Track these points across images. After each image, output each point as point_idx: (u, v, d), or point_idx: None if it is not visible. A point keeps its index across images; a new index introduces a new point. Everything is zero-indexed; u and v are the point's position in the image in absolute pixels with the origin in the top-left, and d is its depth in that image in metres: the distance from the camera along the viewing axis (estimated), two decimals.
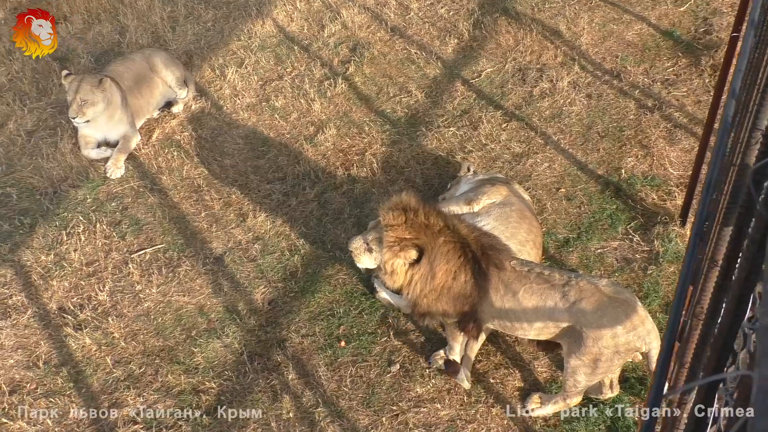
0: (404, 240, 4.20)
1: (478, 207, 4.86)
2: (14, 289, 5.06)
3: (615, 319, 4.00)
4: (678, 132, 5.86)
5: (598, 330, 3.99)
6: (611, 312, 4.00)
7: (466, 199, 4.92)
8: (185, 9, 7.29)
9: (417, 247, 4.18)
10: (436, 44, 6.80)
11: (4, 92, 6.49)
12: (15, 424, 4.36)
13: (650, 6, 7.02)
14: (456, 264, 4.20)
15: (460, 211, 4.86)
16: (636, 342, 4.05)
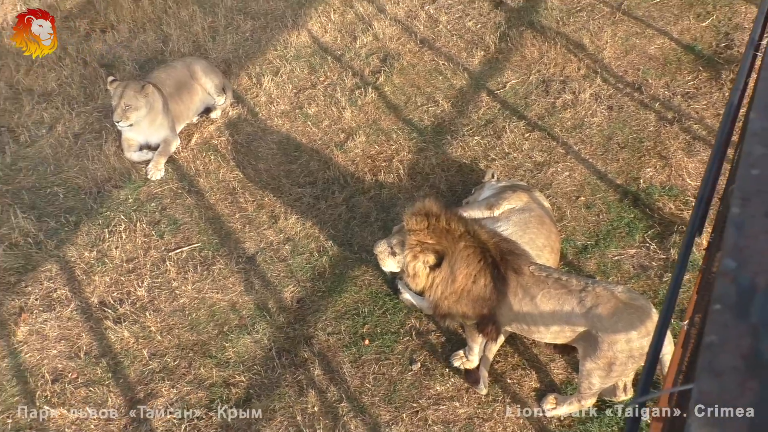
0: (426, 244, 4.23)
1: (498, 212, 4.88)
2: (59, 283, 5.17)
3: (630, 325, 4.01)
4: (697, 144, 5.82)
5: (613, 335, 4.00)
6: (626, 318, 4.01)
7: (488, 204, 4.94)
8: (225, 20, 7.39)
9: (437, 251, 4.21)
10: (464, 56, 6.82)
11: (54, 97, 6.62)
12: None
13: (673, 21, 6.99)
14: (476, 268, 4.23)
15: (481, 215, 4.89)
16: (644, 351, 4.06)
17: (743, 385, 0.59)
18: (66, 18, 7.59)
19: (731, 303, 0.62)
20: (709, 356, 0.60)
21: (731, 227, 0.65)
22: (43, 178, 5.96)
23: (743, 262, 0.63)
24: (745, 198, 0.65)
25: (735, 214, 0.65)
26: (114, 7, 7.59)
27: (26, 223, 5.53)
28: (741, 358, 0.60)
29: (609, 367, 4.09)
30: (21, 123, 6.40)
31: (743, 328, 0.61)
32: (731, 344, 0.60)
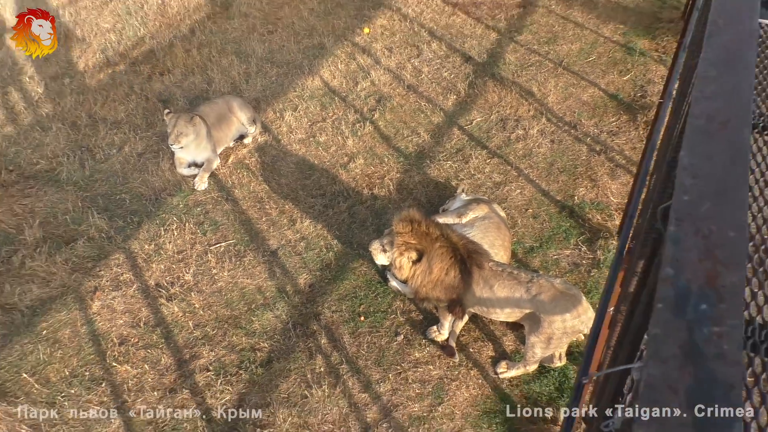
0: (409, 244, 4.26)
1: (465, 219, 4.91)
2: (125, 269, 5.17)
3: (565, 308, 4.05)
4: (618, 170, 5.87)
5: (552, 316, 4.04)
6: (562, 303, 4.04)
7: (458, 213, 4.98)
8: (256, 67, 7.39)
9: (418, 250, 4.24)
10: (440, 99, 6.85)
11: (123, 124, 6.62)
12: (122, 367, 4.46)
13: (601, 75, 7.05)
14: (448, 263, 4.26)
15: (452, 221, 4.93)
16: (580, 326, 4.09)
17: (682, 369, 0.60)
18: (133, 63, 7.57)
19: (671, 303, 0.62)
20: (654, 346, 0.60)
21: (670, 242, 0.65)
22: (113, 187, 5.94)
23: (679, 270, 0.64)
24: (679, 219, 0.66)
25: (672, 231, 0.65)
26: (170, 56, 7.58)
27: (101, 222, 5.51)
28: (679, 348, 0.61)
29: (548, 341, 4.13)
30: (97, 144, 6.38)
31: (681, 324, 0.62)
32: (672, 336, 0.60)
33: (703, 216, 0.66)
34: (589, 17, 8.02)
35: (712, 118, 0.74)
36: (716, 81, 0.80)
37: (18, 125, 6.72)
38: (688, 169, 0.69)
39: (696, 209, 0.66)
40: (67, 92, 7.12)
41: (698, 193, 0.66)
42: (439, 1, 8.45)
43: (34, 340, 4.65)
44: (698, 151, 0.69)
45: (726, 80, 0.81)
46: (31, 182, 6.00)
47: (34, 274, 5.10)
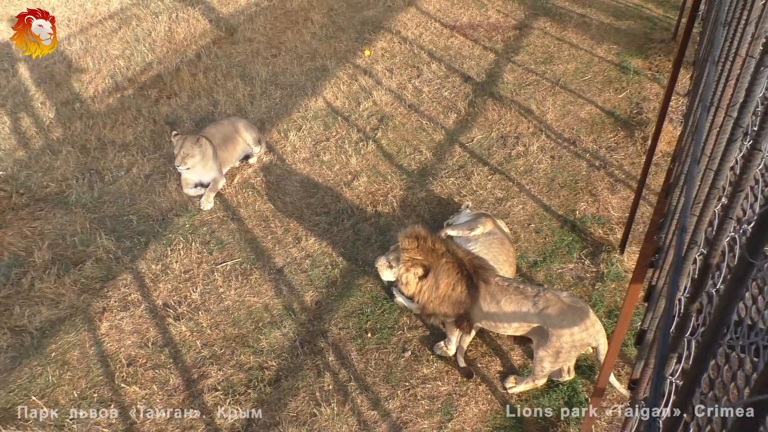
0: (416, 260, 4.14)
1: (475, 233, 4.79)
2: (132, 289, 5.02)
3: (573, 322, 3.91)
4: (618, 185, 5.76)
5: (560, 329, 3.91)
6: (570, 316, 3.91)
7: (468, 227, 4.86)
8: (260, 89, 7.31)
9: (424, 266, 4.11)
10: (441, 117, 6.76)
11: (131, 147, 6.51)
12: (131, 388, 4.30)
13: (597, 93, 6.96)
14: (455, 278, 4.13)
15: (463, 233, 4.81)
16: (588, 339, 3.95)
17: None
18: (141, 88, 7.48)
19: None
20: None
21: None
22: (121, 208, 5.81)
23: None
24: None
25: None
26: (177, 80, 7.49)
27: (108, 243, 5.37)
28: None
29: (557, 355, 4.00)
30: (105, 166, 6.27)
31: None
32: None
33: None
34: (583, 38, 7.96)
35: None
36: None
37: (29, 149, 6.61)
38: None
39: None
40: (77, 117, 7.01)
41: None
42: (438, 24, 8.39)
43: (43, 362, 4.48)
44: None
45: None
46: (41, 205, 5.87)
47: (43, 295, 4.95)
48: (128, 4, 9.13)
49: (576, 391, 4.22)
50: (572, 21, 8.27)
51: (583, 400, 4.16)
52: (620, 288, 4.82)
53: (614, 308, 4.69)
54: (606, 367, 3.55)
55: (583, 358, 4.35)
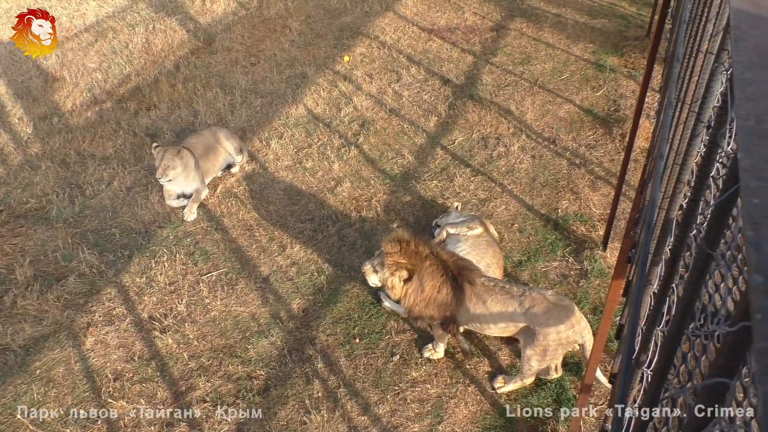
0: (400, 263, 4.15)
1: (473, 232, 4.83)
2: (117, 303, 4.99)
3: (559, 320, 3.95)
4: (599, 182, 5.83)
5: (546, 328, 3.94)
6: (556, 314, 3.95)
7: (468, 226, 4.89)
8: (241, 98, 7.31)
9: (408, 269, 4.13)
10: (422, 121, 6.80)
11: (111, 160, 6.47)
12: (118, 403, 4.27)
13: (575, 92, 7.04)
14: (440, 280, 4.16)
15: (461, 231, 4.83)
16: (574, 336, 4.00)
17: None
18: (120, 100, 7.45)
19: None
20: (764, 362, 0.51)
21: (751, 248, 0.56)
22: (103, 222, 5.78)
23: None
24: (755, 223, 0.57)
25: (750, 236, 0.56)
26: (156, 91, 7.47)
27: (91, 257, 5.33)
28: None
29: (544, 353, 4.03)
30: (86, 180, 6.22)
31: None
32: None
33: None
34: (559, 38, 8.05)
35: (761, 119, 0.66)
36: (755, 82, 0.73)
37: (8, 166, 6.55)
38: (750, 171, 0.61)
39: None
40: (56, 131, 6.96)
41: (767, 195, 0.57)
42: (416, 28, 8.45)
43: (27, 380, 4.44)
44: (756, 152, 0.62)
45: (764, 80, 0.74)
46: (22, 221, 5.82)
47: (26, 312, 4.90)
48: (104, 16, 9.08)
49: (564, 388, 4.26)
50: (548, 21, 8.36)
51: (572, 397, 4.20)
52: (604, 284, 4.88)
53: (599, 304, 4.75)
54: (591, 363, 3.59)
55: (570, 355, 4.40)
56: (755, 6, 0.85)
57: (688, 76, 1.55)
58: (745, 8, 0.86)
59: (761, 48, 0.79)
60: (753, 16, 0.84)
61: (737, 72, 0.76)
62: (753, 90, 0.71)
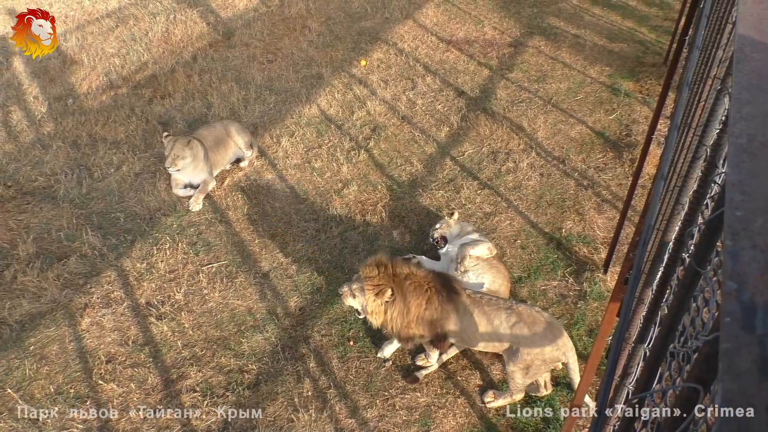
0: (380, 285, 4.09)
1: (494, 252, 4.81)
2: (116, 286, 5.03)
3: (543, 337, 3.97)
4: (605, 205, 5.84)
5: (530, 345, 3.96)
6: (540, 332, 3.97)
7: (489, 248, 4.83)
8: (255, 93, 7.36)
9: (392, 288, 4.07)
10: (434, 130, 6.83)
11: (122, 144, 6.53)
12: (108, 385, 4.30)
13: (588, 113, 7.06)
14: (425, 297, 4.10)
15: (483, 253, 4.79)
16: (557, 354, 4.01)
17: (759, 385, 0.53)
18: (135, 87, 7.52)
19: (737, 317, 0.56)
20: (727, 360, 0.54)
21: (728, 257, 0.59)
22: (109, 205, 5.82)
23: (742, 284, 0.57)
24: (734, 234, 0.59)
25: (729, 246, 0.59)
26: (171, 81, 7.54)
27: (94, 239, 5.38)
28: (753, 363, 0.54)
29: (527, 369, 4.05)
30: (95, 163, 6.28)
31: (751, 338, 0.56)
32: (743, 351, 0.54)
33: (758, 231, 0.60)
34: (576, 59, 8.08)
35: (753, 137, 0.69)
36: (751, 103, 0.76)
37: (19, 143, 6.61)
38: (736, 186, 0.63)
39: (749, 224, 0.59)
40: (70, 112, 7.03)
41: (750, 209, 0.59)
42: (434, 38, 8.50)
43: (21, 356, 4.47)
44: (744, 168, 0.64)
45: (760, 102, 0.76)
46: (28, 198, 5.87)
47: (25, 288, 4.94)
48: (126, 3, 9.18)
49: (553, 408, 4.25)
50: (567, 41, 8.40)
51: (561, 417, 4.20)
52: (602, 307, 4.88)
53: (595, 327, 4.75)
54: (582, 385, 3.59)
55: (563, 375, 4.40)
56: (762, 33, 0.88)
57: (696, 101, 1.58)
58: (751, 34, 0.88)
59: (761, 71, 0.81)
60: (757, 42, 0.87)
61: (735, 93, 0.78)
62: (748, 110, 0.73)
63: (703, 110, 1.44)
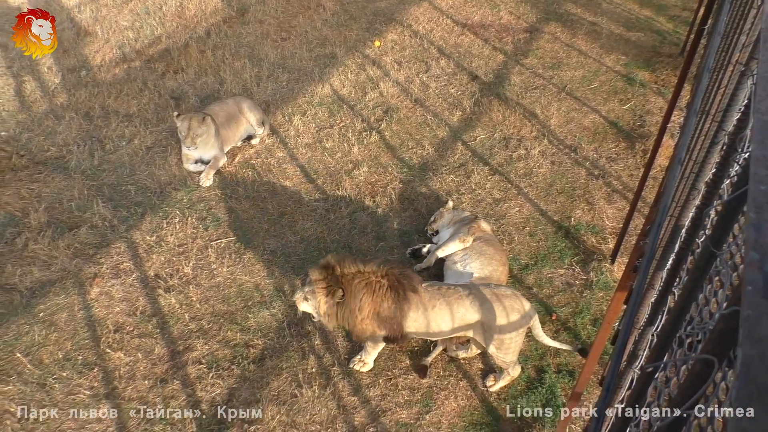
0: (329, 287, 4.06)
1: (469, 243, 4.82)
2: (125, 258, 5.07)
3: (510, 309, 4.02)
4: (615, 195, 5.82)
5: (498, 320, 4.01)
6: (504, 305, 4.03)
7: (460, 239, 4.85)
8: (268, 71, 7.35)
9: (342, 288, 4.04)
10: (446, 114, 6.80)
11: (134, 118, 6.55)
12: (116, 354, 4.35)
13: (602, 102, 7.02)
14: (378, 295, 4.02)
15: (456, 248, 4.82)
16: (524, 321, 4.08)
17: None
18: (148, 60, 7.52)
19: (759, 286, 0.57)
20: (748, 327, 0.55)
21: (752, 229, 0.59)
22: (120, 178, 5.86)
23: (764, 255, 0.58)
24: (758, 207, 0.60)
25: (752, 218, 0.59)
26: (185, 55, 7.53)
27: (105, 211, 5.42)
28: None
29: (502, 343, 4.07)
30: (107, 135, 6.31)
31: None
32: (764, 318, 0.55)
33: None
34: (592, 46, 8.01)
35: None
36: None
37: (32, 113, 6.64)
38: (761, 161, 0.64)
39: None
40: (83, 84, 7.05)
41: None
42: (450, 21, 8.43)
43: (30, 321, 4.53)
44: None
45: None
46: (41, 168, 5.91)
47: (36, 256, 5.00)
48: None
49: (555, 394, 4.28)
50: (583, 28, 8.32)
51: (561, 404, 4.22)
52: (607, 297, 4.89)
53: (599, 316, 4.76)
54: (585, 373, 3.61)
55: (565, 362, 4.42)
56: None
57: (715, 87, 1.57)
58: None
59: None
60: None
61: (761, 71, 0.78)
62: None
63: (722, 96, 1.43)
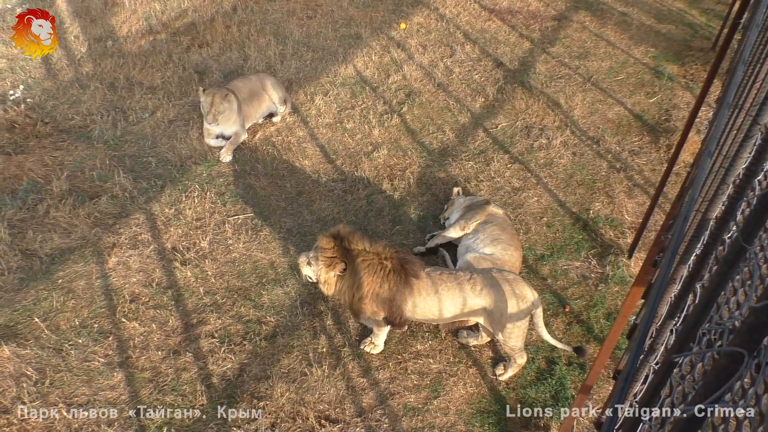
0: (334, 258, 4.07)
1: (470, 229, 4.80)
2: (144, 229, 5.10)
3: (511, 294, 3.99)
4: (636, 189, 5.73)
5: (501, 305, 3.99)
6: (507, 290, 4.00)
7: (461, 226, 4.85)
8: (292, 49, 7.31)
9: (344, 262, 4.04)
10: (469, 100, 6.73)
11: (158, 90, 6.56)
12: (131, 323, 4.40)
13: (628, 95, 6.89)
14: (379, 276, 4.04)
15: (457, 235, 4.84)
16: (528, 306, 4.05)
17: None
18: (174, 33, 7.51)
19: None
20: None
21: None
22: (142, 149, 5.88)
23: None
24: None
25: None
26: (210, 30, 7.51)
27: (126, 181, 5.45)
28: None
29: (504, 328, 4.06)
30: (131, 107, 6.33)
31: None
32: None
33: None
34: (621, 37, 7.85)
35: None
36: None
37: (58, 81, 6.68)
38: None
39: None
40: (109, 54, 7.07)
41: None
42: (477, 6, 8.31)
43: (49, 288, 4.60)
44: None
45: None
46: (64, 136, 5.96)
47: (57, 224, 5.05)
48: None
49: (564, 386, 4.25)
50: (613, 18, 8.16)
51: (570, 396, 4.20)
52: (622, 292, 4.83)
53: (614, 311, 4.71)
54: (596, 366, 3.58)
55: (575, 357, 4.38)
56: None
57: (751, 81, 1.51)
58: None
59: None
60: None
61: None
62: None
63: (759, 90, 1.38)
